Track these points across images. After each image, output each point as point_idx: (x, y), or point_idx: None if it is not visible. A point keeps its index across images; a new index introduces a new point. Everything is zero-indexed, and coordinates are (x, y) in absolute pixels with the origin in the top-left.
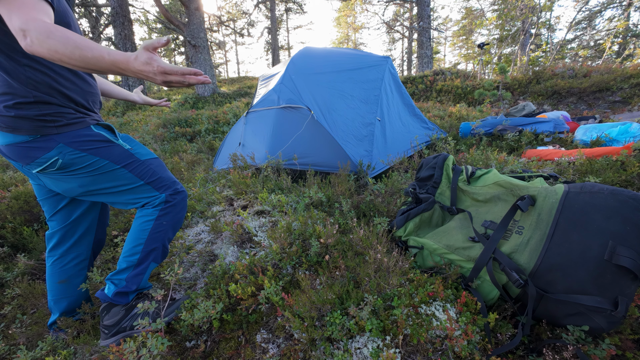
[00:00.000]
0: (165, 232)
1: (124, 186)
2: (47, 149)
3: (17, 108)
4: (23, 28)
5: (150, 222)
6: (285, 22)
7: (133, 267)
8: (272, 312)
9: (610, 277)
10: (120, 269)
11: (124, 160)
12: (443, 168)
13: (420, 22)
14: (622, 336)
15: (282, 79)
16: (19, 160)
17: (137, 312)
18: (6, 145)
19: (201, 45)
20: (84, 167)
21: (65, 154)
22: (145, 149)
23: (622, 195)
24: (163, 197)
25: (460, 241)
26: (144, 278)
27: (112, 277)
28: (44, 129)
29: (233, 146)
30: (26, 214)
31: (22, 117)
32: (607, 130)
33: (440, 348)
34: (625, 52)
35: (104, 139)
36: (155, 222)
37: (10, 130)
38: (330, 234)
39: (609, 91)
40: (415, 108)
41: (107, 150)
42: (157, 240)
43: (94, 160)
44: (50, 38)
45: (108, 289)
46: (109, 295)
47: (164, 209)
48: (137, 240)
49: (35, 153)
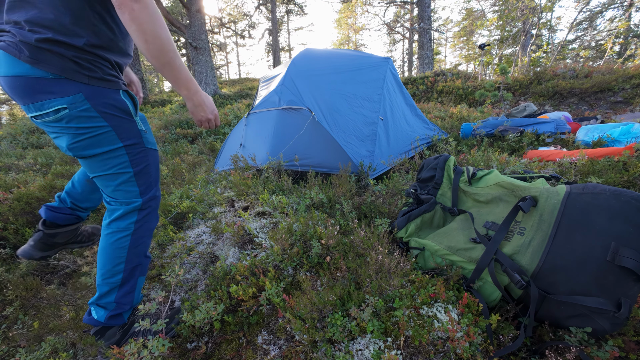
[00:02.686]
0: (145, 244)
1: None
2: (61, 94)
3: (55, 44)
4: None
5: (127, 237)
6: (286, 24)
7: (118, 288)
8: (273, 313)
9: (613, 278)
10: (102, 293)
11: (130, 139)
12: (444, 169)
13: (420, 23)
14: (626, 338)
15: (283, 80)
16: (19, 96)
17: (135, 330)
18: (13, 77)
19: (202, 47)
20: (85, 127)
21: (77, 107)
22: (152, 138)
23: (625, 196)
24: (139, 201)
25: (462, 242)
26: (136, 295)
27: (97, 302)
28: (74, 73)
29: (234, 147)
30: (28, 216)
31: (56, 52)
32: (608, 130)
33: (442, 350)
34: (626, 52)
35: (126, 109)
36: (132, 237)
37: (32, 61)
38: (331, 235)
39: (611, 91)
40: (417, 109)
41: (120, 122)
42: (140, 254)
43: (100, 125)
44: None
45: (97, 314)
46: (101, 320)
47: (139, 220)
48: (116, 260)
49: (44, 95)
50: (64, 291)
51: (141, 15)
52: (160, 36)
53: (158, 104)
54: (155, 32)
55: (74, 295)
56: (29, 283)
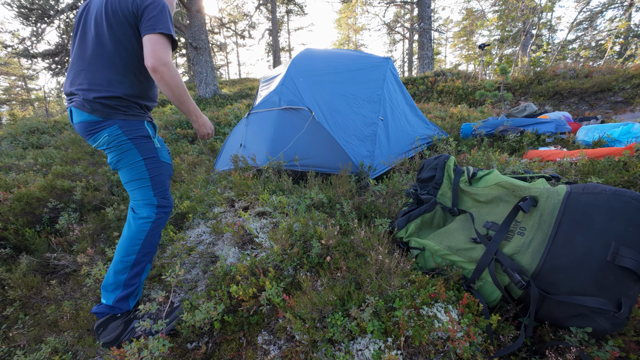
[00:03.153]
0: (157, 236)
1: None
2: (105, 127)
3: (114, 99)
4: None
5: (148, 223)
6: (286, 24)
7: (130, 268)
8: (274, 313)
9: (613, 278)
10: (117, 270)
11: (148, 154)
12: (444, 169)
13: (420, 23)
14: (626, 338)
15: (283, 80)
16: (84, 135)
17: (135, 325)
18: (80, 122)
19: (202, 47)
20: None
21: (113, 133)
22: (167, 154)
23: (625, 196)
24: (156, 201)
25: (462, 242)
26: (142, 279)
27: (110, 282)
28: (114, 114)
29: (234, 147)
30: (28, 216)
31: (104, 104)
32: (609, 130)
33: (442, 350)
34: (626, 52)
35: (146, 134)
36: (153, 224)
37: (90, 111)
38: (331, 235)
39: (611, 91)
40: (417, 109)
41: (142, 142)
42: (153, 242)
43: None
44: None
45: (106, 298)
46: (109, 303)
47: (156, 214)
48: (134, 241)
49: (97, 131)
50: (64, 290)
51: (168, 76)
52: (179, 87)
53: (158, 104)
54: (177, 85)
55: (74, 294)
56: (29, 282)
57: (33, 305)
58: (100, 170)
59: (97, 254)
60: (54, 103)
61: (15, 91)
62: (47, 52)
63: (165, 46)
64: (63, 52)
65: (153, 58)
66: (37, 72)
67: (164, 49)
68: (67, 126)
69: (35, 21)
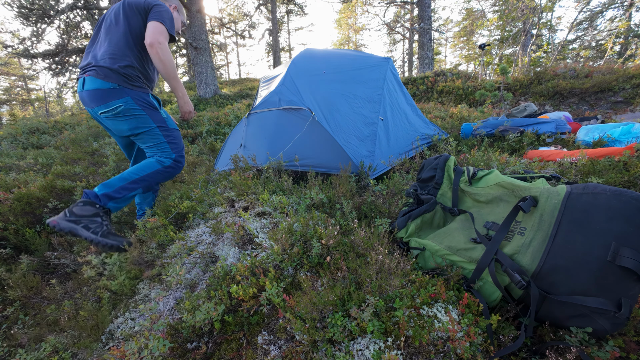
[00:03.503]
0: (162, 178)
1: (153, 138)
2: (118, 97)
3: (124, 67)
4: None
5: (158, 164)
6: (286, 24)
7: (128, 182)
8: (274, 313)
9: (614, 278)
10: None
11: (159, 122)
12: (444, 169)
13: (421, 23)
14: (626, 338)
15: (283, 80)
16: (95, 102)
17: (101, 222)
18: (92, 90)
19: (203, 47)
20: (134, 115)
21: (128, 104)
22: (173, 123)
23: (625, 196)
24: (174, 156)
25: (462, 242)
26: (126, 195)
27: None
28: (125, 83)
29: (234, 147)
30: (29, 216)
31: (119, 72)
32: (609, 130)
33: (443, 350)
34: (627, 52)
35: (154, 105)
36: (162, 168)
37: (104, 77)
38: (331, 235)
39: (611, 91)
40: (417, 109)
41: (152, 112)
42: (154, 178)
43: (142, 114)
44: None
45: (99, 189)
46: (96, 191)
47: (169, 166)
48: (142, 169)
49: (109, 98)
50: (64, 290)
51: (161, 52)
52: (170, 63)
53: None
54: (168, 61)
55: (74, 294)
56: (29, 281)
57: (33, 305)
58: (101, 170)
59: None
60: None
61: (16, 91)
62: (47, 52)
63: (162, 32)
64: (63, 52)
65: (152, 37)
66: (37, 72)
67: (161, 33)
68: (67, 126)
69: (35, 21)
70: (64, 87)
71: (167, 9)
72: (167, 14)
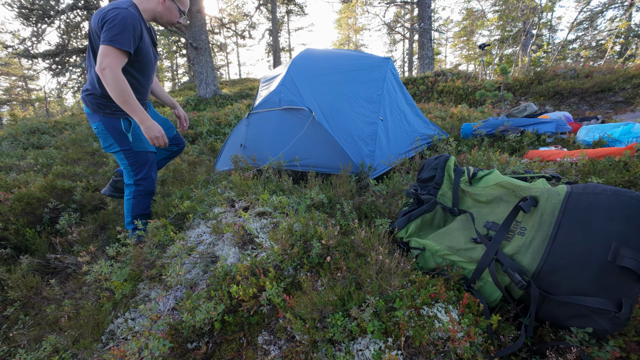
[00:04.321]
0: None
1: (120, 159)
2: (94, 121)
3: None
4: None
5: (130, 199)
6: (287, 24)
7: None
8: (274, 313)
9: (614, 278)
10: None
11: (124, 147)
12: (445, 169)
13: (421, 23)
14: (627, 338)
15: (284, 80)
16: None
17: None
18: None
19: (203, 48)
20: (105, 137)
21: (99, 127)
22: (143, 145)
23: (625, 196)
24: (133, 179)
25: (462, 242)
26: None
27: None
28: (97, 110)
29: (234, 148)
30: (29, 216)
31: (91, 101)
32: (609, 130)
33: (443, 350)
34: (627, 52)
35: (121, 129)
36: (132, 199)
37: (86, 105)
38: (331, 235)
39: (611, 91)
40: (417, 109)
41: (119, 136)
42: (138, 208)
43: (109, 138)
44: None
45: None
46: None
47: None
48: (127, 209)
49: (91, 122)
50: (64, 290)
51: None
52: (118, 89)
53: (158, 104)
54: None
55: (74, 294)
56: (29, 282)
57: (33, 306)
58: (101, 170)
59: (94, 253)
60: (55, 103)
61: (16, 91)
62: (48, 53)
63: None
64: (63, 52)
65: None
66: (37, 73)
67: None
68: (67, 126)
69: (35, 21)
70: (64, 88)
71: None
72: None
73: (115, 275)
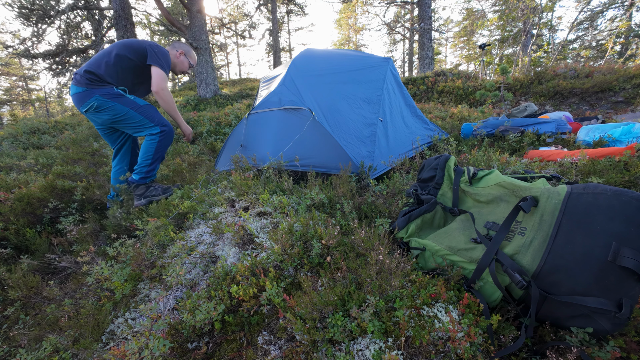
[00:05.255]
0: (165, 147)
1: (132, 120)
2: (90, 96)
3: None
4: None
5: (155, 142)
6: (287, 24)
7: (148, 165)
8: (274, 313)
9: (614, 278)
10: (140, 164)
11: (130, 105)
12: (445, 169)
13: (421, 23)
14: (627, 338)
15: (284, 80)
16: (77, 104)
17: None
18: (75, 94)
19: (203, 48)
20: (108, 107)
21: (98, 99)
22: (143, 101)
23: (626, 196)
24: (156, 126)
25: (462, 242)
26: (154, 171)
27: (137, 169)
28: (90, 84)
29: (234, 148)
30: (29, 216)
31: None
32: (609, 130)
33: (443, 350)
34: (627, 52)
35: (119, 93)
36: (158, 138)
37: (77, 83)
38: (331, 235)
39: (612, 91)
40: (416, 109)
41: (119, 99)
42: (161, 149)
43: (111, 102)
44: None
45: (135, 177)
46: (136, 179)
47: (160, 132)
48: (149, 151)
49: (84, 99)
50: (64, 290)
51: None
52: (171, 103)
53: (158, 105)
54: (169, 102)
55: (74, 294)
56: (29, 281)
57: (34, 305)
58: (101, 170)
59: (92, 253)
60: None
61: (16, 91)
62: (48, 53)
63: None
64: (64, 52)
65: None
66: (37, 73)
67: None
68: (67, 126)
69: (36, 22)
70: (64, 88)
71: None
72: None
73: (115, 275)
